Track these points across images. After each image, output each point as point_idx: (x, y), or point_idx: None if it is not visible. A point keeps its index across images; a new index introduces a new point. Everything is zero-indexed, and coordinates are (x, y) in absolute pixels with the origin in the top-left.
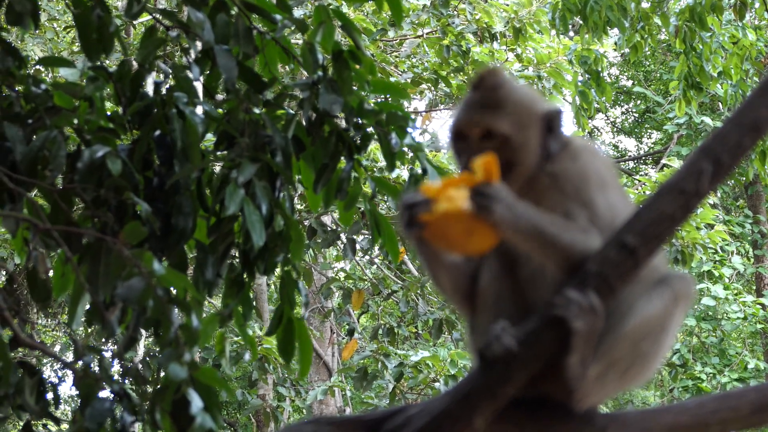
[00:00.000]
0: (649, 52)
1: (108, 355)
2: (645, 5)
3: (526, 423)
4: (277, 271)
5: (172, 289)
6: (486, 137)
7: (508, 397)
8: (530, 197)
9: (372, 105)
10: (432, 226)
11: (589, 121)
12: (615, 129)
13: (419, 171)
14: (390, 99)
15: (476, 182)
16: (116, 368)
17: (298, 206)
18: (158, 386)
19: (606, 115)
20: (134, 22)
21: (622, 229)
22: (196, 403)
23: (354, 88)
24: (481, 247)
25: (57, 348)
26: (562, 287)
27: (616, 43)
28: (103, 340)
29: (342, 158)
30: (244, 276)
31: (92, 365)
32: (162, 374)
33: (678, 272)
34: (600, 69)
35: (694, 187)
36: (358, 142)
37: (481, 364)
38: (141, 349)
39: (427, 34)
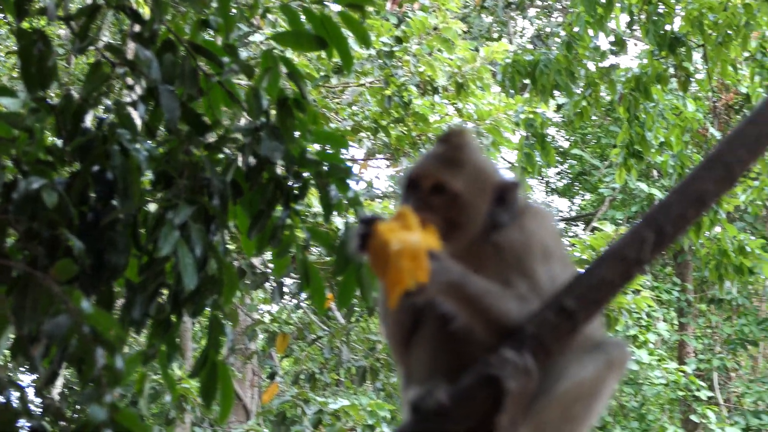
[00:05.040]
0: None
1: (24, 387)
2: (591, 68)
3: None
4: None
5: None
6: (436, 190)
7: None
8: (472, 264)
9: (313, 155)
10: (370, 246)
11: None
12: (548, 189)
13: (354, 221)
14: (330, 149)
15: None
16: (32, 400)
17: (230, 246)
18: (73, 425)
19: (540, 175)
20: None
21: (562, 293)
22: None
23: (296, 135)
24: (395, 283)
25: None
26: (499, 346)
27: (558, 105)
28: (20, 371)
29: (278, 206)
30: (172, 317)
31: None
32: (79, 407)
33: (614, 339)
34: (544, 132)
35: (636, 255)
36: (296, 191)
37: (413, 417)
38: (60, 381)
39: (369, 83)
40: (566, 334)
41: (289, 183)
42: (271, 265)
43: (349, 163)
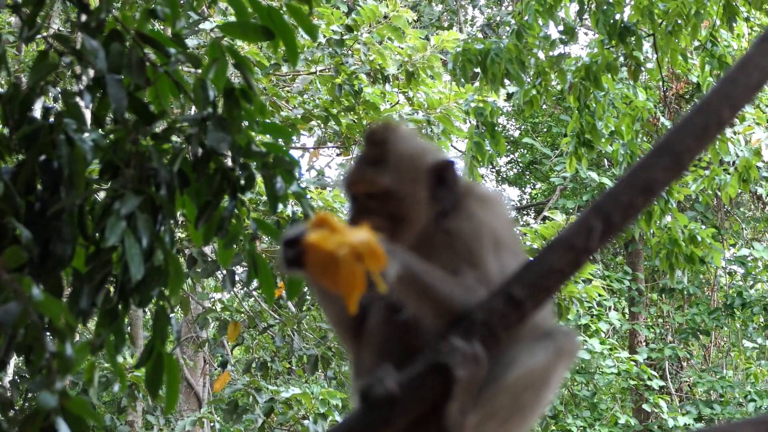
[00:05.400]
0: None
1: None
2: (542, 57)
3: None
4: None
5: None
6: (370, 193)
7: None
8: (425, 253)
9: (260, 146)
10: (308, 262)
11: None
12: (499, 178)
13: (301, 212)
14: (279, 141)
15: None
16: None
17: (180, 234)
18: (26, 412)
19: (491, 164)
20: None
21: (511, 281)
22: None
23: (244, 124)
24: (352, 288)
25: None
26: (448, 334)
27: (508, 94)
28: None
29: (225, 196)
30: (119, 307)
31: None
32: (30, 396)
33: (563, 327)
34: (494, 121)
35: (584, 243)
36: (243, 181)
37: (363, 405)
38: (11, 369)
39: (320, 71)
40: (515, 323)
41: (236, 174)
42: None
43: (300, 152)
